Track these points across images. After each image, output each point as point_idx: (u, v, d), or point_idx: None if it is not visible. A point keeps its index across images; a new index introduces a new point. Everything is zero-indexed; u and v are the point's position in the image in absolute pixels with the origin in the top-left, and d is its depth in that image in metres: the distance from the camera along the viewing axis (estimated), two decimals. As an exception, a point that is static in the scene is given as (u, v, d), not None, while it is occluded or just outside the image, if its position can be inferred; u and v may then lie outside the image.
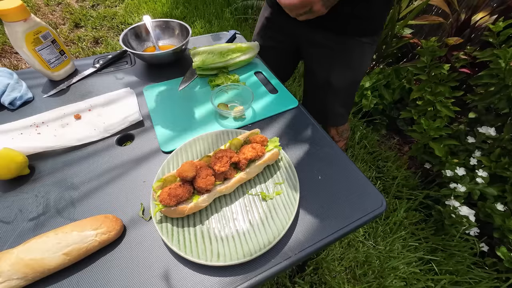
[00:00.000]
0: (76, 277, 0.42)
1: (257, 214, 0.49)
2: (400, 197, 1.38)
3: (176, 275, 0.42)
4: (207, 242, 0.45)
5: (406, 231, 1.24)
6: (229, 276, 0.42)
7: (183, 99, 0.72)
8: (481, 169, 1.15)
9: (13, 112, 0.68)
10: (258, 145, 0.52)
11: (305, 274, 1.09)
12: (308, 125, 0.66)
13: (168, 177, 0.47)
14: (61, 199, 0.51)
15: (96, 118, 0.65)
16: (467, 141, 1.23)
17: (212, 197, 0.48)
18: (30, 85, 0.73)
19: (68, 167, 0.56)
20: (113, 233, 0.44)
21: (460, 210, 1.14)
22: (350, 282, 1.11)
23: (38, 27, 0.67)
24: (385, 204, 0.52)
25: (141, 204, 0.51)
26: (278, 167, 0.56)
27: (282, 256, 0.44)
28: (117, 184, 0.54)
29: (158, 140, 0.61)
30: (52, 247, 0.40)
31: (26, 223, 0.48)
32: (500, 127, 1.16)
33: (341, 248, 1.19)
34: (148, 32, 0.84)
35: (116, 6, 2.74)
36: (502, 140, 1.12)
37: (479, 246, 1.13)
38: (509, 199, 1.07)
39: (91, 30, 2.39)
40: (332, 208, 0.51)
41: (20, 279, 0.38)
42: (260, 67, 0.83)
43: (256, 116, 0.67)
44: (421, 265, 1.15)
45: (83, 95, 0.73)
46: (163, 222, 0.46)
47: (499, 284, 1.04)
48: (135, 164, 0.57)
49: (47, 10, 2.59)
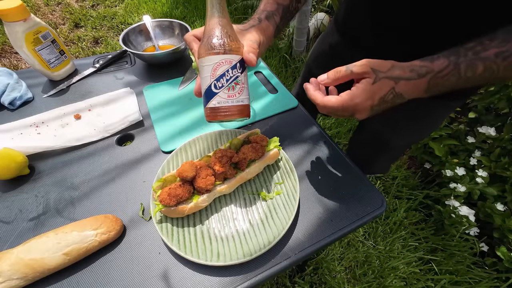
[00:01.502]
0: (76, 277, 0.42)
1: (257, 214, 0.49)
2: (400, 197, 1.38)
3: (176, 275, 0.42)
4: (207, 242, 0.45)
5: (406, 231, 1.24)
6: (229, 276, 0.42)
7: (183, 99, 0.72)
8: (481, 169, 1.15)
9: (13, 112, 0.68)
10: (258, 145, 0.52)
11: (305, 274, 1.09)
12: (308, 125, 0.66)
13: (168, 177, 0.47)
14: (61, 199, 0.51)
15: (96, 118, 0.65)
16: (467, 141, 1.23)
17: (212, 197, 0.48)
18: (30, 85, 0.73)
19: (68, 167, 0.56)
20: (113, 233, 0.44)
21: (460, 210, 1.14)
22: (350, 282, 1.11)
23: (38, 27, 0.67)
24: (385, 204, 0.52)
25: (141, 204, 0.51)
26: (278, 167, 0.56)
27: (282, 256, 0.44)
28: (117, 184, 0.54)
29: (158, 140, 0.61)
30: (52, 247, 0.40)
31: (26, 223, 0.48)
32: (500, 127, 1.16)
33: (341, 248, 1.19)
34: (148, 32, 0.84)
35: (116, 6, 2.74)
36: (502, 140, 1.12)
37: (479, 246, 1.13)
38: (509, 199, 1.07)
39: (91, 30, 2.38)
40: (332, 208, 0.51)
41: (20, 279, 0.38)
42: (260, 67, 0.83)
43: (256, 116, 0.67)
44: (421, 265, 1.15)
45: (83, 95, 0.73)
46: (163, 222, 0.46)
47: (499, 284, 1.04)
48: (135, 164, 0.57)
49: (47, 10, 2.59)
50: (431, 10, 0.46)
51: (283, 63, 2.04)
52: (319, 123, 1.54)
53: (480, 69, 0.36)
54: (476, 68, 0.36)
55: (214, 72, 0.40)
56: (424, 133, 0.76)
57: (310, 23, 2.08)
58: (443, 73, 0.37)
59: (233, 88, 0.41)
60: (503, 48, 0.35)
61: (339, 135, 1.61)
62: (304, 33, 1.94)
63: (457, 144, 1.25)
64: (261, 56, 0.62)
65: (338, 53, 0.72)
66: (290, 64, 2.02)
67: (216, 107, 0.41)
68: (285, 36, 2.19)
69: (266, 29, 0.49)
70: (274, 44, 2.15)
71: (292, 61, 2.03)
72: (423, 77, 0.38)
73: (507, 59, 0.35)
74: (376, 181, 1.45)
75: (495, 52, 0.35)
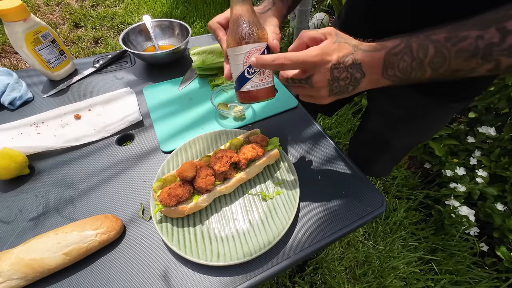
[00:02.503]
0: (76, 277, 0.42)
1: (257, 214, 0.49)
2: (400, 197, 1.38)
3: (176, 275, 0.42)
4: (207, 242, 0.45)
5: (406, 231, 1.24)
6: (229, 276, 0.42)
7: (183, 99, 0.72)
8: (481, 169, 1.15)
9: (13, 112, 0.68)
10: (258, 145, 0.52)
11: (305, 274, 1.09)
12: (308, 125, 0.66)
13: (168, 177, 0.47)
14: (61, 199, 0.51)
15: (96, 118, 0.65)
16: (467, 141, 1.23)
17: (212, 197, 0.48)
18: (30, 85, 0.73)
19: (68, 167, 0.56)
20: (113, 233, 0.44)
21: (460, 210, 1.14)
22: (350, 282, 1.11)
23: (38, 27, 0.66)
24: (385, 204, 0.52)
25: (141, 204, 0.51)
26: (278, 167, 0.56)
27: (282, 256, 0.44)
28: (117, 184, 0.54)
29: (158, 140, 0.61)
30: (52, 247, 0.40)
31: (26, 223, 0.48)
32: (500, 127, 1.16)
33: (341, 248, 1.19)
34: (148, 32, 0.84)
35: (116, 6, 2.74)
36: (502, 140, 1.12)
37: (479, 246, 1.13)
38: (509, 199, 1.07)
39: (91, 30, 2.38)
40: (332, 208, 0.51)
41: (20, 279, 0.38)
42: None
43: (256, 116, 0.67)
44: (421, 265, 1.15)
45: (83, 95, 0.73)
46: (163, 222, 0.46)
47: (499, 284, 1.04)
48: (135, 164, 0.57)
49: (47, 10, 2.59)
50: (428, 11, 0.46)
51: (283, 63, 2.03)
52: (319, 123, 1.54)
53: (431, 51, 0.37)
54: (428, 49, 0.37)
55: (247, 60, 0.44)
56: (425, 134, 0.76)
57: (310, 23, 2.08)
58: (396, 50, 0.38)
59: (263, 73, 0.46)
60: (453, 34, 0.36)
61: (339, 135, 1.61)
62: (304, 33, 1.94)
63: (457, 144, 1.25)
64: None
65: None
66: (290, 64, 2.02)
67: (249, 91, 0.46)
68: (285, 36, 2.19)
69: (280, 11, 0.51)
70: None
71: (292, 61, 2.03)
72: (378, 51, 0.39)
73: (457, 45, 0.35)
74: (376, 181, 1.44)
75: (445, 36, 0.36)
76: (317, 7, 2.35)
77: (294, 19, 1.91)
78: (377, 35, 0.57)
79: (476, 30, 0.34)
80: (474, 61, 0.35)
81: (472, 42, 0.34)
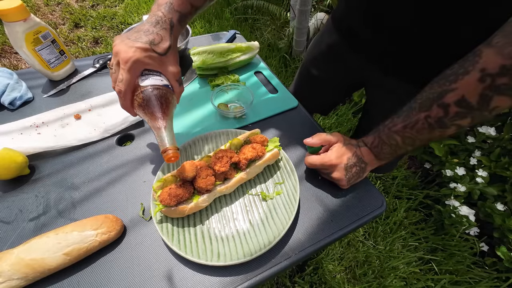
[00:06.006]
0: (76, 277, 0.42)
1: (257, 214, 0.49)
2: (400, 197, 1.38)
3: (176, 275, 0.42)
4: (207, 242, 0.45)
5: (406, 231, 1.24)
6: (229, 276, 0.42)
7: (183, 99, 0.72)
8: (481, 169, 1.15)
9: (13, 112, 0.68)
10: (258, 145, 0.52)
11: (305, 274, 1.09)
12: (308, 125, 0.66)
13: (168, 177, 0.47)
14: (61, 199, 0.51)
15: (96, 118, 0.65)
16: (467, 141, 1.23)
17: (212, 197, 0.48)
18: (30, 85, 0.73)
19: (68, 167, 0.56)
20: (114, 233, 0.44)
21: (460, 210, 1.14)
22: (350, 282, 1.11)
23: (38, 27, 0.66)
24: (385, 204, 0.52)
25: (141, 204, 0.51)
26: (278, 167, 0.56)
27: (282, 256, 0.44)
28: (117, 184, 0.54)
29: (158, 140, 0.61)
30: (53, 247, 0.40)
31: (26, 223, 0.48)
32: (500, 127, 1.16)
33: (341, 248, 1.19)
34: (148, 32, 0.84)
35: (116, 6, 2.74)
36: (502, 140, 1.12)
37: (479, 246, 1.13)
38: (509, 199, 1.07)
39: (91, 30, 2.38)
40: (332, 208, 0.51)
41: (20, 279, 0.38)
42: (260, 68, 0.83)
43: (256, 116, 0.67)
44: (421, 265, 1.15)
45: (83, 95, 0.73)
46: (163, 222, 0.46)
47: (499, 284, 1.04)
48: (135, 164, 0.57)
49: (47, 10, 2.59)
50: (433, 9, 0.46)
51: (283, 63, 2.04)
52: (319, 123, 1.54)
53: (398, 138, 0.46)
54: (395, 138, 0.47)
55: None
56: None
57: (310, 23, 2.08)
58: (374, 144, 0.50)
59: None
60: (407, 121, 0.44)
61: (339, 135, 1.61)
62: (304, 33, 1.94)
63: (457, 144, 1.25)
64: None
65: (336, 53, 0.72)
66: (290, 64, 2.02)
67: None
68: (285, 36, 2.19)
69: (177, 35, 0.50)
70: (274, 44, 2.15)
71: (292, 61, 2.03)
72: (365, 147, 0.52)
73: (414, 127, 0.44)
74: (376, 181, 1.45)
75: (402, 125, 0.45)
76: (317, 7, 2.35)
77: (294, 19, 1.91)
78: (377, 34, 0.58)
79: (423, 112, 0.42)
80: (437, 132, 0.43)
81: (424, 122, 0.42)
